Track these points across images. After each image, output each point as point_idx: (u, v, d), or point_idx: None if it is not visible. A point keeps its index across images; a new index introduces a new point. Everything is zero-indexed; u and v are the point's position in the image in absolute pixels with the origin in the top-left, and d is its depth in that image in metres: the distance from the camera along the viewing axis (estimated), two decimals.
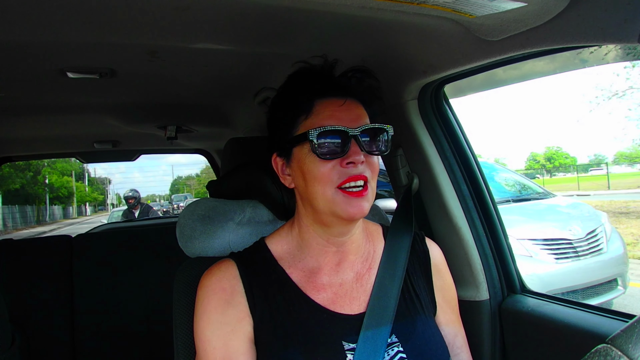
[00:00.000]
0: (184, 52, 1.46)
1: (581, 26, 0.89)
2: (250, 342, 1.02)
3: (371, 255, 1.16)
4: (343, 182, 0.99)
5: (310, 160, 1.01)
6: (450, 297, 1.22)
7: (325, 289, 1.08)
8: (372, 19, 1.11)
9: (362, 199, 0.99)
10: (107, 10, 1.07)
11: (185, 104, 2.31)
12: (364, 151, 1.01)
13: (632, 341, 0.53)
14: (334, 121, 1.01)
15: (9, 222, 31.17)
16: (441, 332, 1.14)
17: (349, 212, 0.99)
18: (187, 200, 33.88)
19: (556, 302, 1.34)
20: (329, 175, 0.99)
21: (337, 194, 0.99)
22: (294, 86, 1.09)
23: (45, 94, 1.90)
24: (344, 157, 0.99)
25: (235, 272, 1.07)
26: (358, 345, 1.00)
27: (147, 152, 3.88)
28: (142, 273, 2.68)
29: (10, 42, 1.25)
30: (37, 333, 2.45)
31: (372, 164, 1.03)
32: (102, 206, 64.06)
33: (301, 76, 1.10)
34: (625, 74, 15.93)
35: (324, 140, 0.99)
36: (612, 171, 35.59)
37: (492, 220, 1.49)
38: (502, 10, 0.93)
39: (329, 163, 1.00)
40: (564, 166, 41.39)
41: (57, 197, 44.41)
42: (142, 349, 2.60)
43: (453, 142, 1.51)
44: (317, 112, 1.03)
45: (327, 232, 1.08)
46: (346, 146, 1.00)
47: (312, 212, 1.06)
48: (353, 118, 1.02)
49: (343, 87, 1.06)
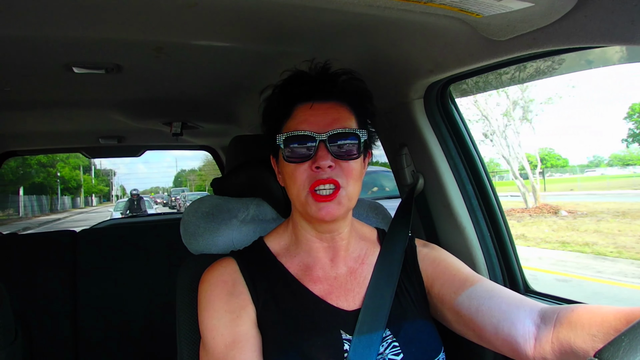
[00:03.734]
0: (190, 49, 1.46)
1: (588, 27, 0.89)
2: (255, 327, 1.05)
3: (364, 253, 1.19)
4: (312, 185, 1.02)
5: (285, 164, 1.07)
6: (447, 265, 1.19)
7: (321, 282, 1.11)
8: (379, 18, 1.10)
9: (331, 203, 1.02)
10: (113, 6, 1.07)
11: (191, 101, 2.31)
12: (333, 156, 1.03)
13: (619, 355, 0.53)
14: (305, 125, 1.05)
15: (28, 210, 36.24)
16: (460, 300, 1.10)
17: (319, 215, 1.03)
18: (183, 193, 39.02)
19: (559, 303, 1.34)
20: (301, 178, 1.04)
21: (309, 196, 1.03)
22: (281, 89, 1.14)
23: (51, 88, 1.91)
24: (312, 161, 1.03)
25: (236, 267, 1.12)
26: (354, 340, 1.03)
27: (152, 148, 3.88)
28: (145, 269, 2.69)
29: (16, 36, 1.26)
30: (40, 327, 2.46)
31: (345, 168, 1.05)
32: (105, 199, 68.78)
33: (289, 80, 1.13)
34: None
35: (291, 144, 1.04)
36: (608, 172, 36.15)
37: (496, 220, 1.49)
38: (509, 10, 0.93)
39: (301, 166, 1.04)
40: (556, 167, 41.91)
41: (67, 188, 48.84)
42: (145, 344, 2.62)
43: (458, 142, 1.51)
44: (294, 116, 1.08)
45: (314, 228, 1.13)
46: (314, 151, 1.03)
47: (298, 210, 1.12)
48: (328, 122, 1.05)
49: (327, 90, 1.08)
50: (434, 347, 1.09)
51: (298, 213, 1.13)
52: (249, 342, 1.02)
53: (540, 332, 0.95)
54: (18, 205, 34.61)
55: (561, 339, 0.90)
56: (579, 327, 0.87)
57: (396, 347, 1.05)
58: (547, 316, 0.96)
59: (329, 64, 1.13)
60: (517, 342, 0.97)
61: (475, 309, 1.06)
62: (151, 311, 2.64)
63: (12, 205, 34.10)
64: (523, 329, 0.97)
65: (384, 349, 1.04)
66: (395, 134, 1.60)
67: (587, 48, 0.99)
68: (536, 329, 0.96)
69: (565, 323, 0.90)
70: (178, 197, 35.37)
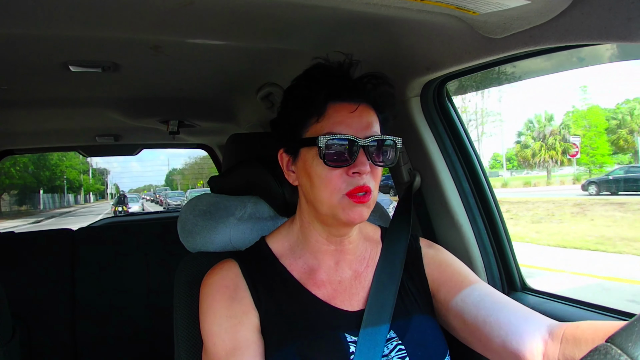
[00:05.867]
0: (187, 47, 1.46)
1: (585, 25, 0.89)
2: (257, 333, 1.03)
3: (368, 254, 1.17)
4: (351, 191, 0.98)
5: (317, 164, 1.00)
6: (453, 270, 1.18)
7: (325, 286, 1.09)
8: (376, 15, 1.10)
9: (364, 205, 1.00)
10: (110, 4, 1.06)
11: (188, 99, 2.30)
12: (371, 161, 1.00)
13: (632, 340, 0.53)
14: (344, 128, 0.99)
15: (46, 205, 47.66)
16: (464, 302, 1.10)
17: (349, 217, 0.99)
18: (165, 192, 53.37)
19: (557, 300, 1.35)
20: (337, 183, 0.99)
21: (344, 199, 0.99)
22: (309, 84, 1.06)
23: (48, 87, 1.90)
24: (351, 166, 0.99)
25: (237, 270, 1.08)
26: (359, 340, 1.01)
27: (149, 146, 3.87)
28: (143, 267, 2.69)
29: (13, 35, 1.25)
30: (38, 326, 2.46)
31: (376, 174, 1.03)
32: (101, 196, 78.64)
33: (317, 74, 1.06)
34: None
35: (333, 147, 0.98)
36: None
37: (493, 217, 1.50)
38: (506, 8, 0.93)
39: (335, 170, 0.99)
40: (526, 164, 43.53)
41: (71, 187, 59.74)
42: (143, 341, 2.62)
43: (455, 140, 1.51)
44: (329, 115, 1.01)
45: (327, 230, 1.08)
46: (354, 155, 0.98)
47: (314, 211, 1.07)
48: (364, 126, 1.01)
49: (358, 91, 1.04)
50: (440, 350, 1.07)
51: (316, 214, 1.08)
52: (250, 348, 1.00)
53: (548, 349, 0.94)
54: (39, 202, 45.65)
55: (567, 356, 0.90)
56: (583, 343, 0.87)
57: (402, 350, 1.03)
58: (554, 332, 0.95)
59: (355, 61, 1.08)
60: (524, 358, 0.96)
61: (482, 320, 1.04)
62: (149, 309, 2.64)
63: (30, 202, 44.58)
64: (531, 344, 0.96)
65: (389, 351, 1.03)
66: (391, 131, 1.60)
67: (584, 45, 0.99)
68: (544, 346, 0.95)
69: (571, 339, 0.90)
70: (161, 194, 49.85)
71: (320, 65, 1.07)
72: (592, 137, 36.16)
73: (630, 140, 35.29)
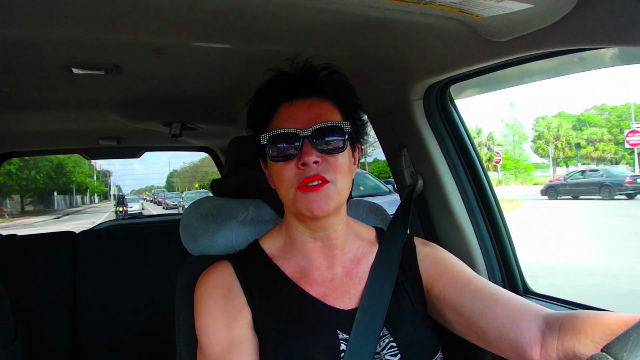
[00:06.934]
0: (190, 50, 1.46)
1: (588, 28, 0.89)
2: (251, 330, 1.05)
3: (360, 252, 1.18)
4: (300, 183, 1.01)
5: (271, 164, 1.07)
6: (448, 265, 1.18)
7: (317, 284, 1.11)
8: (379, 19, 1.10)
9: (317, 193, 1.01)
10: (113, 6, 1.06)
11: (190, 102, 2.30)
12: (318, 151, 1.02)
13: (627, 349, 0.53)
14: (289, 123, 1.04)
15: (60, 206, 55.39)
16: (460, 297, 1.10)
17: (309, 208, 1.01)
18: (163, 193, 61.62)
19: (559, 304, 1.34)
20: (288, 178, 1.03)
21: (297, 193, 1.02)
22: (261, 92, 1.14)
23: (50, 89, 1.90)
24: (298, 158, 1.02)
25: (231, 270, 1.11)
26: (351, 338, 1.02)
27: (151, 149, 3.87)
28: (145, 270, 2.69)
29: (15, 36, 1.25)
30: (40, 328, 2.46)
31: (332, 163, 1.03)
32: (104, 197, 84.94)
33: (269, 82, 1.14)
34: None
35: (276, 143, 1.04)
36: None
37: (495, 221, 1.49)
38: (509, 11, 0.93)
39: (287, 165, 1.03)
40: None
41: (79, 189, 66.88)
42: (144, 344, 2.61)
43: (458, 143, 1.50)
44: (278, 115, 1.07)
45: (306, 226, 1.11)
46: (298, 148, 1.02)
47: (287, 209, 1.12)
48: (311, 118, 1.04)
49: (308, 87, 1.09)
50: (432, 347, 1.08)
51: (290, 213, 1.12)
52: (245, 346, 1.02)
53: (546, 339, 0.94)
54: (53, 202, 53.71)
55: (566, 346, 0.90)
56: (582, 334, 0.87)
57: (394, 347, 1.04)
58: (551, 322, 0.95)
59: (309, 61, 1.13)
60: (522, 348, 0.97)
61: (479, 312, 1.05)
62: (151, 312, 2.63)
63: (45, 203, 52.09)
64: (529, 334, 0.97)
65: (382, 349, 1.04)
66: (394, 135, 1.60)
67: (587, 49, 0.99)
68: (541, 335, 0.95)
69: (570, 330, 0.90)
70: (158, 196, 57.48)
71: (274, 73, 1.14)
72: (515, 147, 46.64)
73: (546, 148, 46.48)
